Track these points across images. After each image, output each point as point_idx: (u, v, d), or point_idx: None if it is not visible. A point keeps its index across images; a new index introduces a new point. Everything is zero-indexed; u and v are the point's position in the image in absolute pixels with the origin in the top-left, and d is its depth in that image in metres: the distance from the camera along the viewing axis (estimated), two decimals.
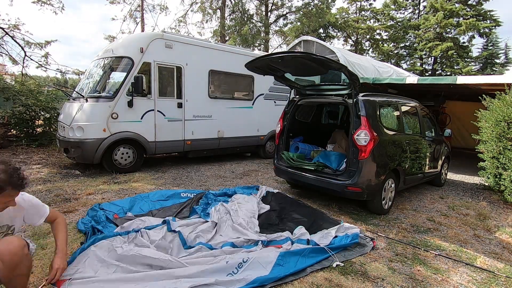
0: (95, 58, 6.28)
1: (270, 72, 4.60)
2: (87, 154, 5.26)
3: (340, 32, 28.54)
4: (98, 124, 5.29)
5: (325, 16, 22.43)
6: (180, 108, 6.27)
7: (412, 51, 27.67)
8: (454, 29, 24.86)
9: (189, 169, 6.44)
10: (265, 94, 7.93)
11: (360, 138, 3.72)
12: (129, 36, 10.58)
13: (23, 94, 8.17)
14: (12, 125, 8.21)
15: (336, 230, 3.13)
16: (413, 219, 4.05)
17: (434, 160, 5.51)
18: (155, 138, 5.96)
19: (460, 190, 5.92)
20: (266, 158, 8.14)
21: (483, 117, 5.35)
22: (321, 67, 4.07)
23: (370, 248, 2.97)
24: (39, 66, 11.38)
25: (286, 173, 4.62)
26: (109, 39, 18.87)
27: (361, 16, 30.00)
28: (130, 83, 5.50)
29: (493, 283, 2.54)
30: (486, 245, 3.36)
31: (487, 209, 4.66)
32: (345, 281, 2.41)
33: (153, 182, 5.18)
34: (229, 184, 5.30)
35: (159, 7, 20.30)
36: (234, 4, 21.10)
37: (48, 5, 12.41)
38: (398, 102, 4.69)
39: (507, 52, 27.61)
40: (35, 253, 2.21)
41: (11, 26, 10.39)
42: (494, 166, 5.09)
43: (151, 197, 3.96)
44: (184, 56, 6.22)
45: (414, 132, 4.93)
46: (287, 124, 4.88)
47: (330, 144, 5.47)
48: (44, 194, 4.28)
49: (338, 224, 3.34)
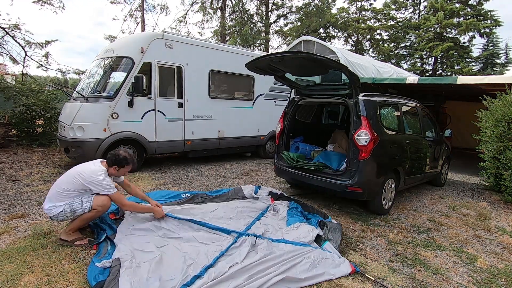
0: (96, 58, 6.29)
1: (271, 72, 4.60)
2: (88, 154, 5.26)
3: (340, 32, 28.52)
4: (98, 124, 5.29)
5: (325, 16, 22.43)
6: (181, 108, 6.27)
7: (413, 51, 27.62)
8: (454, 29, 24.83)
9: (189, 169, 6.44)
10: (266, 94, 7.93)
11: (361, 138, 3.71)
12: (130, 36, 10.60)
13: (24, 94, 8.17)
14: (12, 125, 8.23)
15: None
16: (413, 219, 4.05)
17: (435, 160, 5.51)
18: (155, 138, 5.96)
19: (461, 190, 5.92)
20: (266, 158, 8.14)
21: (483, 117, 5.35)
22: (322, 67, 4.08)
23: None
24: (40, 66, 11.39)
25: (287, 173, 4.62)
26: (110, 39, 18.88)
27: (361, 16, 29.97)
28: (131, 83, 5.50)
29: (493, 283, 2.54)
30: (487, 245, 3.35)
31: (488, 209, 4.66)
32: (345, 281, 2.41)
33: (153, 182, 5.18)
34: (229, 184, 5.30)
35: (160, 7, 20.38)
36: (235, 4, 21.11)
37: (48, 4, 12.43)
38: (398, 102, 4.68)
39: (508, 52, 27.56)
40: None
41: (11, 26, 10.40)
42: (495, 166, 5.09)
43: (151, 197, 3.94)
44: (185, 56, 6.22)
45: (415, 132, 4.93)
46: (288, 124, 4.87)
47: (330, 144, 5.48)
48: (45, 194, 4.28)
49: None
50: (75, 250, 2.67)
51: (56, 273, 2.31)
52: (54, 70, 11.92)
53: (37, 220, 3.34)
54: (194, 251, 2.59)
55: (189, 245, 2.71)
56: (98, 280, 2.14)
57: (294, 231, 3.06)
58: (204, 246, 2.71)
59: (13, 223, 3.21)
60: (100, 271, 2.24)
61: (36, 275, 2.25)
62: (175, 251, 2.60)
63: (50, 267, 2.37)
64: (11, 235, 2.92)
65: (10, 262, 2.41)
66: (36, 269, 2.34)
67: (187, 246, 2.69)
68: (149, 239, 2.75)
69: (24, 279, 2.20)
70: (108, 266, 2.29)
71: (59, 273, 2.30)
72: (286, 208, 3.67)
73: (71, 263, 2.46)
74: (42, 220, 3.33)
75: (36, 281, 2.18)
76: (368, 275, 2.50)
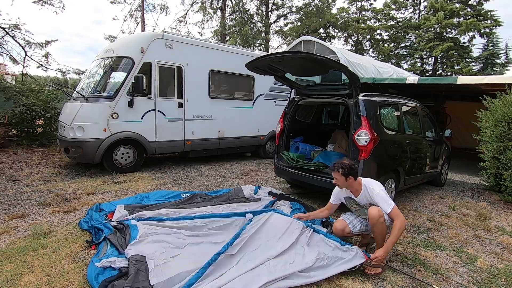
0: (96, 58, 6.29)
1: (271, 72, 4.60)
2: (88, 154, 5.27)
3: (340, 32, 28.49)
4: (98, 124, 5.29)
5: (325, 16, 22.43)
6: (181, 108, 6.27)
7: (413, 51, 27.59)
8: (454, 29, 24.80)
9: (190, 169, 6.44)
10: (266, 94, 7.93)
11: (361, 138, 3.71)
12: (130, 36, 10.60)
13: (24, 94, 8.18)
14: (12, 125, 8.23)
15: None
16: (413, 219, 4.05)
17: (435, 160, 5.51)
18: (155, 138, 5.96)
19: (461, 190, 5.91)
20: (266, 158, 8.14)
21: (483, 117, 5.34)
22: (322, 67, 4.07)
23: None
24: (40, 66, 11.41)
25: (286, 173, 4.62)
26: (110, 39, 18.88)
27: (361, 16, 29.95)
28: (131, 83, 5.50)
29: (493, 283, 2.54)
30: (487, 245, 3.35)
31: (488, 209, 4.65)
32: (345, 281, 2.41)
33: (153, 182, 5.18)
34: (229, 184, 5.30)
35: (160, 7, 20.36)
36: (235, 4, 21.12)
37: (48, 4, 12.44)
38: (398, 102, 4.68)
39: (508, 52, 27.52)
40: (391, 225, 2.61)
41: (11, 26, 10.41)
42: (495, 166, 5.08)
43: (151, 197, 3.96)
44: (185, 56, 6.22)
45: (415, 132, 4.93)
46: (288, 124, 4.87)
47: (330, 144, 5.48)
48: (45, 193, 4.28)
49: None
50: (75, 250, 2.67)
51: (56, 273, 2.31)
52: (54, 70, 11.95)
53: (37, 220, 3.34)
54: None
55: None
56: (98, 280, 2.14)
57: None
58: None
59: (13, 223, 3.21)
60: (99, 271, 2.24)
61: (36, 275, 2.26)
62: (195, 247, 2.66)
63: (50, 267, 2.38)
64: (11, 235, 2.92)
65: (10, 262, 2.41)
66: (36, 269, 2.34)
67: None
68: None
69: (24, 279, 2.20)
70: (107, 265, 2.29)
71: (59, 273, 2.30)
72: (289, 210, 3.66)
73: (71, 263, 2.47)
74: (42, 220, 3.33)
75: (36, 281, 2.18)
76: (368, 274, 2.50)
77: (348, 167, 2.66)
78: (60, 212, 3.58)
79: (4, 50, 10.73)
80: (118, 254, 2.47)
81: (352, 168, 2.68)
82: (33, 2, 12.19)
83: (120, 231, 2.86)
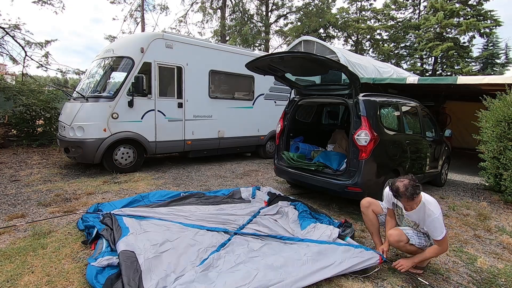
0: (96, 58, 6.29)
1: (271, 72, 4.60)
2: (88, 154, 5.27)
3: (340, 32, 28.50)
4: (98, 124, 5.29)
5: (325, 16, 22.43)
6: (181, 108, 6.27)
7: (413, 51, 27.61)
8: (454, 29, 24.81)
9: (190, 169, 6.44)
10: (266, 94, 7.93)
11: (361, 138, 3.71)
12: (130, 36, 10.60)
13: (24, 94, 8.18)
14: (12, 125, 8.23)
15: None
16: None
17: (435, 160, 5.51)
18: (155, 138, 5.96)
19: (461, 190, 5.91)
20: (266, 158, 8.14)
21: (483, 117, 5.34)
22: (322, 67, 4.07)
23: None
24: (40, 66, 11.41)
25: (286, 173, 4.62)
26: (110, 39, 18.88)
27: (361, 16, 29.96)
28: (131, 83, 5.50)
29: (493, 283, 2.54)
30: (487, 245, 3.35)
31: (488, 209, 4.66)
32: (345, 281, 2.41)
33: (153, 182, 5.18)
34: (229, 184, 5.30)
35: (160, 7, 20.35)
36: (235, 4, 21.11)
37: (48, 4, 12.44)
38: (398, 102, 4.68)
39: (508, 52, 27.55)
40: (419, 243, 2.52)
41: (11, 26, 10.41)
42: (495, 166, 5.08)
43: (150, 197, 3.95)
44: (185, 56, 6.22)
45: (415, 132, 4.93)
46: (288, 124, 4.87)
47: (330, 144, 5.47)
48: (45, 193, 4.28)
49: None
50: (75, 250, 2.67)
51: (56, 273, 2.31)
52: (54, 70, 11.95)
53: (37, 220, 3.34)
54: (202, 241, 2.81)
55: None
56: (98, 280, 2.14)
57: (315, 231, 3.10)
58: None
59: (13, 223, 3.21)
60: (98, 271, 2.23)
61: (36, 275, 2.26)
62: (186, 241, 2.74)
63: (50, 267, 2.38)
64: (11, 235, 2.92)
65: (10, 262, 2.41)
66: (36, 269, 2.34)
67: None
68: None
69: (24, 279, 2.20)
70: (105, 264, 2.29)
71: (59, 273, 2.30)
72: (294, 211, 3.65)
73: (71, 263, 2.47)
74: (42, 220, 3.33)
75: (36, 281, 2.18)
76: (368, 274, 2.50)
77: (412, 186, 2.30)
78: (60, 212, 3.58)
79: (4, 50, 10.75)
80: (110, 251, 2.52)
81: (416, 186, 2.33)
82: (33, 2, 12.19)
83: (109, 227, 2.89)
